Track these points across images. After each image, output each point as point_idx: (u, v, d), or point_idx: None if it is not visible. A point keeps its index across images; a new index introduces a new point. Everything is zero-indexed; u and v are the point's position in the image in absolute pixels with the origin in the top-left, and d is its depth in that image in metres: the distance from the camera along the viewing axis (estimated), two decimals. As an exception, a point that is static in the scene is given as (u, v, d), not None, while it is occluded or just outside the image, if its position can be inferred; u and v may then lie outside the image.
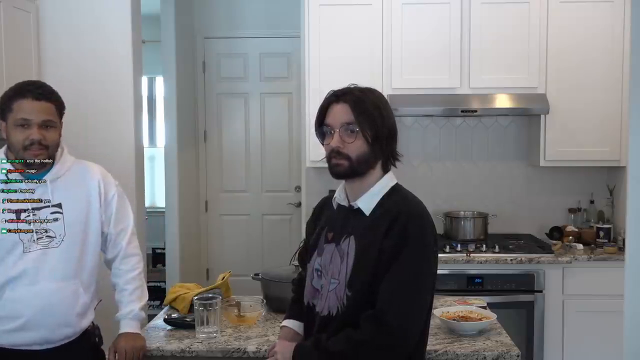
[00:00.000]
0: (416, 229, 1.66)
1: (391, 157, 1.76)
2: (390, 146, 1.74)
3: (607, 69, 3.72)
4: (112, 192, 2.28)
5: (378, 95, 1.77)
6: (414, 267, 1.64)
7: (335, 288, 1.69)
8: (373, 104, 1.71)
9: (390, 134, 1.73)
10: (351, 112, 1.70)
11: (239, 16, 5.21)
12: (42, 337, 2.13)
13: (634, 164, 1.74)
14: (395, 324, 1.61)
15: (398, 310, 1.61)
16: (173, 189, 4.94)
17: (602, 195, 4.04)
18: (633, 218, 1.74)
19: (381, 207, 1.71)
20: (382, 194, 1.73)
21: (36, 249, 2.11)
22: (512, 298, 3.51)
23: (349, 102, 1.71)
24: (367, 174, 1.74)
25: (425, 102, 3.76)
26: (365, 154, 1.70)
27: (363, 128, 1.69)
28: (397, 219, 1.65)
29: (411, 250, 1.63)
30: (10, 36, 3.28)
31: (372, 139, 1.69)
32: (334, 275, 1.70)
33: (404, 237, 1.63)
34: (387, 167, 1.77)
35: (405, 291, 1.63)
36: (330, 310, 1.70)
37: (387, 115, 1.73)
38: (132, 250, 2.33)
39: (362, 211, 1.72)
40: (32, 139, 2.08)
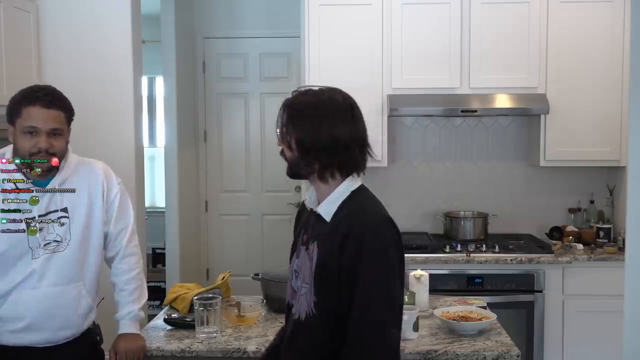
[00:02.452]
0: (372, 245, 1.57)
1: (330, 166, 1.64)
2: (325, 156, 1.63)
3: (607, 69, 3.72)
4: (114, 192, 2.28)
5: (317, 104, 1.65)
6: (378, 280, 1.56)
7: (305, 293, 1.66)
8: (301, 113, 1.64)
9: (323, 145, 1.61)
10: (286, 120, 1.66)
11: (239, 16, 5.21)
12: (45, 338, 2.14)
13: (634, 164, 1.74)
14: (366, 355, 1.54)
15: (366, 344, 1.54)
16: (173, 189, 4.94)
17: (602, 195, 4.04)
18: (633, 218, 1.74)
19: (340, 214, 1.65)
20: (342, 200, 1.66)
21: (43, 254, 2.11)
22: (512, 298, 3.52)
23: (285, 110, 1.67)
24: (312, 179, 1.68)
25: (425, 102, 3.76)
26: (292, 159, 1.66)
27: (290, 136, 1.64)
28: (350, 234, 1.57)
29: (370, 271, 1.55)
30: (10, 36, 3.27)
31: (297, 148, 1.63)
32: (305, 279, 1.67)
33: (359, 255, 1.55)
34: (331, 175, 1.66)
35: (372, 320, 1.54)
36: (300, 315, 1.67)
37: (321, 126, 1.62)
38: (131, 249, 2.33)
39: (324, 217, 1.67)
40: (40, 147, 2.07)
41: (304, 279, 1.67)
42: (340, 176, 1.67)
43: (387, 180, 4.14)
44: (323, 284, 1.61)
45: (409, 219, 4.15)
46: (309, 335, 1.66)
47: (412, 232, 4.03)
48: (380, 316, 1.55)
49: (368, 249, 1.56)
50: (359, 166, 1.68)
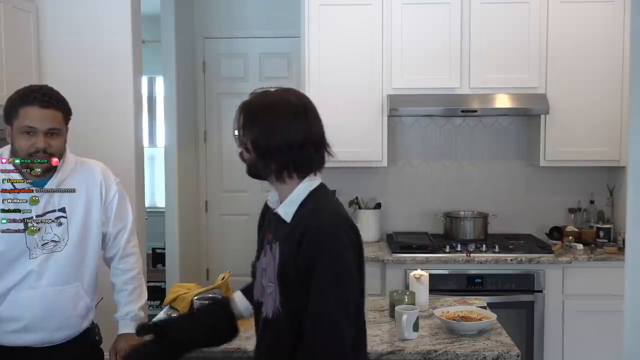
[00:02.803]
0: (327, 245, 1.59)
1: (286, 167, 1.66)
2: (280, 157, 1.64)
3: (607, 69, 3.72)
4: (112, 192, 2.28)
5: (270, 104, 1.67)
6: (330, 278, 1.58)
7: (272, 292, 1.67)
8: (256, 115, 1.66)
9: (277, 146, 1.63)
10: (243, 121, 1.68)
11: (239, 16, 5.21)
12: (43, 339, 2.14)
13: (634, 164, 1.74)
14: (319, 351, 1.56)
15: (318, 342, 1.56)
16: (173, 189, 4.93)
17: (602, 195, 4.04)
18: (633, 218, 1.74)
19: (298, 215, 1.66)
20: (300, 201, 1.67)
21: (41, 253, 2.11)
22: (512, 298, 3.52)
23: (242, 111, 1.69)
24: (270, 180, 1.70)
25: (425, 102, 3.76)
26: (249, 160, 1.68)
27: (246, 137, 1.67)
28: (306, 234, 1.59)
29: (325, 270, 1.57)
30: (10, 36, 3.28)
31: (253, 148, 1.66)
32: (270, 278, 1.68)
33: (314, 255, 1.57)
34: (288, 175, 1.67)
35: (324, 318, 1.56)
36: (268, 313, 1.69)
37: (274, 127, 1.64)
38: (130, 249, 2.33)
39: (284, 219, 1.68)
40: (38, 147, 2.06)
41: (269, 278, 1.68)
42: (297, 176, 1.68)
43: (387, 180, 4.14)
44: (286, 284, 1.63)
45: (409, 219, 4.15)
46: (276, 333, 1.67)
47: (412, 232, 4.04)
48: (332, 315, 1.57)
49: (323, 249, 1.58)
50: (314, 166, 1.69)
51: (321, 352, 1.56)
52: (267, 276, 1.69)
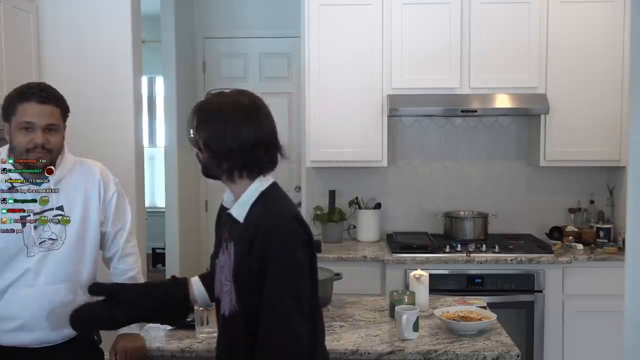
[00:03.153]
0: (276, 244, 1.63)
1: (237, 168, 1.70)
2: (237, 156, 1.68)
3: (607, 69, 3.72)
4: (111, 192, 2.27)
5: (220, 106, 1.70)
6: (282, 284, 1.62)
7: (228, 290, 1.71)
8: (208, 116, 1.70)
9: (234, 145, 1.67)
10: (195, 124, 1.72)
11: (239, 16, 5.21)
12: (40, 338, 2.13)
13: (634, 164, 1.74)
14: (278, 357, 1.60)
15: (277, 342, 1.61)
16: (173, 189, 4.93)
17: (602, 195, 4.04)
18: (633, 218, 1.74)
19: (250, 215, 1.70)
20: (252, 201, 1.71)
21: (39, 251, 2.11)
22: (512, 298, 3.52)
23: (195, 114, 1.73)
24: (223, 180, 1.74)
25: (425, 102, 3.76)
26: (205, 160, 1.73)
27: (199, 139, 1.71)
28: (256, 234, 1.63)
29: (276, 269, 1.62)
30: (10, 36, 3.28)
31: (205, 149, 1.70)
32: (227, 277, 1.72)
33: (265, 255, 1.62)
34: (239, 176, 1.71)
35: (278, 315, 1.61)
36: (225, 311, 1.74)
37: (224, 129, 1.67)
38: (130, 249, 2.33)
39: (237, 219, 1.72)
40: (36, 142, 2.06)
41: (226, 276, 1.72)
42: (247, 177, 1.71)
43: (387, 180, 4.14)
44: (241, 283, 1.67)
45: (409, 219, 4.15)
46: (234, 331, 1.71)
47: (412, 232, 4.03)
48: (285, 312, 1.61)
49: (273, 248, 1.62)
50: (264, 167, 1.73)
51: (276, 350, 1.60)
52: (224, 274, 1.73)
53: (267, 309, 1.61)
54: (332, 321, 2.47)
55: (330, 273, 2.72)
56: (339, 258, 3.58)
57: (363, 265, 3.58)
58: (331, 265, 2.98)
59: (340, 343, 2.23)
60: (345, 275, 2.80)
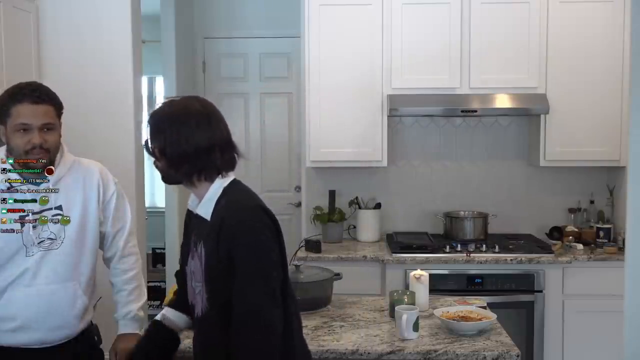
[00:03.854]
0: (243, 233, 1.68)
1: (203, 169, 1.74)
2: (193, 161, 1.72)
3: (607, 69, 3.72)
4: (110, 192, 2.27)
5: (173, 116, 1.74)
6: (251, 265, 1.67)
7: (200, 291, 1.76)
8: (161, 124, 1.74)
9: (181, 155, 1.71)
10: (148, 130, 1.77)
11: (239, 16, 5.21)
12: (40, 339, 2.13)
13: (634, 164, 1.74)
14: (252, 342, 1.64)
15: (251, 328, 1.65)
16: (173, 189, 4.93)
17: (602, 195, 4.04)
18: (633, 218, 1.74)
19: (215, 213, 1.74)
20: (216, 199, 1.76)
21: (37, 251, 2.11)
22: (512, 298, 3.52)
23: (149, 124, 1.77)
24: (185, 184, 1.78)
25: (425, 102, 3.76)
26: (163, 167, 1.76)
27: (155, 147, 1.75)
28: (222, 226, 1.68)
29: (244, 257, 1.67)
30: (10, 36, 3.28)
31: (161, 155, 1.74)
32: (197, 278, 1.77)
33: (233, 245, 1.66)
34: (210, 177, 1.76)
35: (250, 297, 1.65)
36: (197, 311, 1.79)
37: (179, 133, 1.71)
38: (129, 249, 2.33)
39: (204, 218, 1.77)
40: (34, 143, 2.06)
41: (197, 278, 1.77)
42: (206, 179, 1.76)
43: (387, 180, 4.14)
44: (212, 279, 1.71)
45: (409, 219, 4.15)
46: (207, 329, 1.76)
47: (412, 232, 4.03)
48: (256, 299, 1.65)
49: (240, 238, 1.67)
50: (221, 168, 1.77)
51: (251, 344, 1.64)
52: (195, 277, 1.78)
53: (239, 304, 1.65)
54: (332, 321, 2.47)
55: (330, 273, 2.72)
56: (339, 258, 3.58)
57: (363, 265, 3.58)
58: (331, 265, 2.98)
59: (340, 343, 2.23)
60: (345, 275, 2.80)
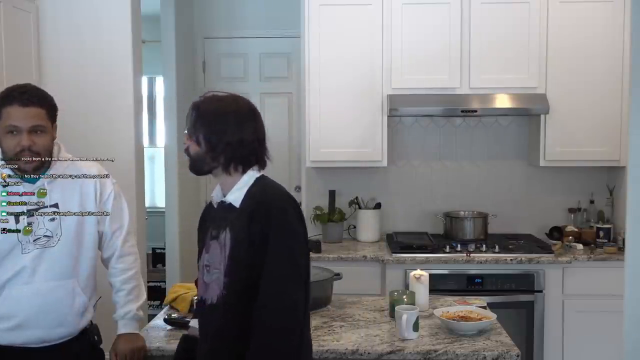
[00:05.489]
0: (277, 213, 1.79)
1: (234, 161, 1.85)
2: (230, 152, 1.83)
3: (607, 69, 3.72)
4: (108, 192, 2.27)
5: (220, 106, 1.87)
6: (284, 248, 1.78)
7: (217, 278, 1.83)
8: (208, 116, 1.85)
9: (226, 142, 1.82)
10: (191, 120, 1.87)
11: (239, 16, 5.21)
12: (39, 337, 2.13)
13: (634, 164, 1.74)
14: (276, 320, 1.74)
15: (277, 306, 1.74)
16: (173, 189, 4.94)
17: (602, 195, 4.04)
18: (633, 218, 1.74)
19: (247, 200, 1.84)
20: (247, 187, 1.85)
21: (34, 249, 2.11)
22: (512, 298, 3.52)
23: (192, 111, 1.88)
24: (216, 173, 1.87)
25: (425, 102, 3.76)
26: (198, 154, 1.86)
27: (194, 134, 1.85)
28: (257, 209, 1.78)
29: (277, 232, 1.77)
30: (10, 36, 3.28)
31: (204, 144, 1.84)
32: (216, 266, 1.84)
33: (267, 226, 1.76)
34: (234, 169, 1.86)
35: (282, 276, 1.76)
36: (212, 299, 1.84)
37: (225, 124, 1.84)
38: (128, 249, 2.33)
39: (233, 205, 1.85)
40: (23, 145, 2.06)
41: (214, 266, 1.85)
42: (242, 169, 1.87)
43: (387, 180, 4.14)
44: (236, 263, 1.78)
45: (409, 219, 4.15)
46: (221, 314, 1.81)
47: (412, 232, 4.03)
48: (285, 280, 1.76)
49: (275, 220, 1.78)
50: (258, 161, 1.90)
51: (275, 323, 1.73)
52: (213, 266, 1.85)
53: (268, 284, 1.74)
54: (332, 321, 2.47)
55: (330, 273, 2.72)
56: (339, 258, 3.58)
57: (363, 265, 3.58)
58: (331, 265, 2.98)
59: (340, 343, 2.23)
60: (345, 275, 2.80)
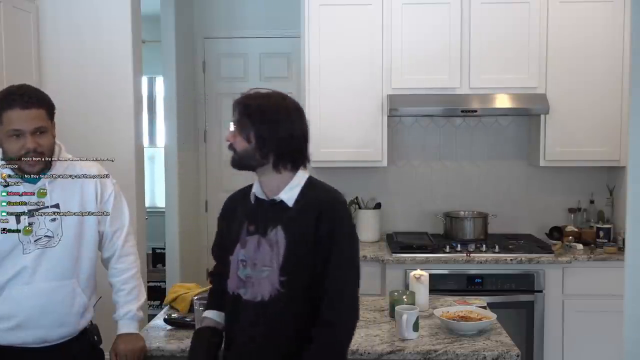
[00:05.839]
0: (343, 213, 1.89)
1: (285, 158, 1.87)
2: (282, 147, 1.85)
3: (607, 69, 3.72)
4: (108, 192, 2.27)
5: (272, 102, 1.89)
6: (350, 247, 1.88)
7: (268, 275, 1.83)
8: (259, 111, 1.86)
9: (279, 138, 1.84)
10: (238, 115, 1.88)
11: (239, 16, 5.20)
12: (39, 337, 2.13)
13: (634, 164, 1.74)
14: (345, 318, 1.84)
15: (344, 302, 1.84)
16: (173, 189, 4.93)
17: (602, 195, 4.04)
18: (633, 218, 1.74)
19: (303, 198, 1.88)
20: (300, 187, 1.89)
21: (34, 249, 2.11)
22: (512, 298, 3.52)
23: (239, 107, 1.89)
24: (262, 170, 1.89)
25: (425, 102, 3.76)
26: (247, 150, 1.88)
27: (244, 129, 1.86)
28: (324, 210, 1.84)
29: (345, 232, 1.87)
30: (10, 36, 3.28)
31: (255, 140, 1.85)
32: (265, 263, 1.84)
33: (334, 227, 1.83)
34: (284, 166, 1.88)
35: (348, 272, 1.86)
36: (263, 295, 1.84)
37: (276, 120, 1.85)
38: (128, 249, 2.33)
39: (284, 203, 1.87)
40: (28, 147, 2.06)
41: (263, 263, 1.85)
42: (291, 168, 1.89)
43: (387, 180, 4.14)
44: (295, 261, 1.82)
45: (409, 219, 4.15)
46: (277, 311, 1.83)
47: (412, 232, 4.04)
48: (351, 278, 1.87)
49: (342, 223, 1.86)
50: (306, 158, 1.92)
51: (344, 319, 1.83)
52: (259, 263, 1.85)
53: (337, 281, 1.82)
54: (332, 321, 2.46)
55: (330, 273, 2.71)
56: (339, 258, 3.57)
57: (363, 265, 3.52)
58: (331, 265, 2.98)
59: (340, 343, 2.23)
60: (345, 275, 2.79)
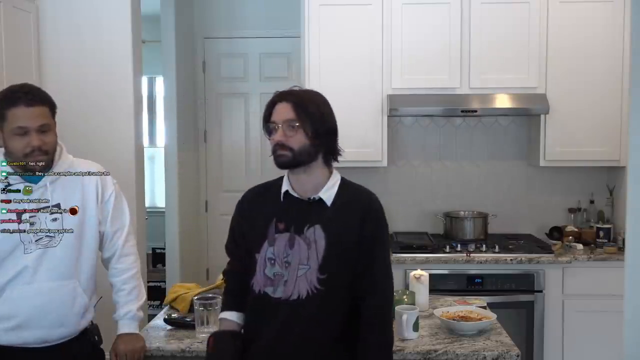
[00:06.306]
0: (383, 217, 1.99)
1: (333, 152, 1.95)
2: (331, 141, 1.94)
3: (607, 69, 3.72)
4: (109, 192, 2.27)
5: (317, 95, 1.96)
6: (388, 248, 2.02)
7: (305, 273, 1.86)
8: (312, 103, 1.91)
9: (329, 131, 1.93)
10: (292, 110, 1.88)
11: (239, 16, 5.21)
12: (39, 337, 2.13)
13: (634, 164, 1.74)
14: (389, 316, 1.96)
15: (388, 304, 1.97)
16: (173, 189, 4.93)
17: (602, 195, 4.04)
18: (633, 218, 1.74)
19: (340, 199, 1.94)
20: (337, 187, 1.96)
21: (36, 249, 2.11)
22: (512, 298, 3.52)
23: (290, 101, 1.88)
24: (311, 166, 1.92)
25: (425, 102, 3.76)
26: (305, 145, 1.88)
27: (303, 124, 1.87)
28: (369, 210, 1.94)
29: (385, 232, 2.00)
30: (10, 36, 3.28)
31: (312, 134, 1.88)
32: (302, 261, 1.87)
33: (378, 226, 1.95)
34: (329, 160, 1.96)
35: (388, 271, 1.99)
36: (300, 294, 1.86)
37: (327, 113, 1.93)
38: (128, 249, 2.33)
39: (323, 202, 1.92)
40: (33, 145, 2.06)
41: (300, 261, 1.87)
42: (329, 162, 1.96)
43: (387, 180, 4.14)
44: (335, 260, 1.87)
45: (409, 219, 4.15)
46: (314, 309, 1.86)
47: (412, 232, 4.04)
48: (388, 278, 1.98)
49: (382, 222, 1.97)
50: (338, 153, 1.99)
51: (388, 317, 1.94)
52: (294, 261, 1.87)
53: (384, 280, 1.95)
54: (332, 321, 2.46)
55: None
56: (339, 258, 3.57)
57: (363, 265, 3.58)
58: (331, 265, 2.98)
59: (340, 343, 2.23)
60: (345, 275, 2.79)
